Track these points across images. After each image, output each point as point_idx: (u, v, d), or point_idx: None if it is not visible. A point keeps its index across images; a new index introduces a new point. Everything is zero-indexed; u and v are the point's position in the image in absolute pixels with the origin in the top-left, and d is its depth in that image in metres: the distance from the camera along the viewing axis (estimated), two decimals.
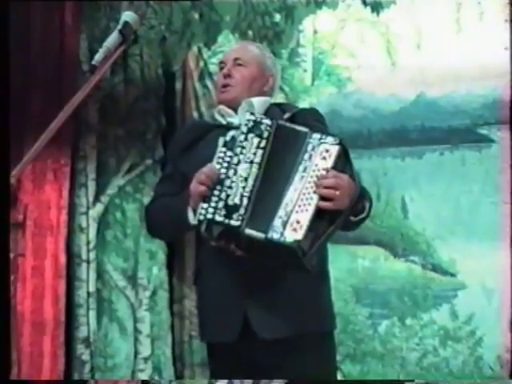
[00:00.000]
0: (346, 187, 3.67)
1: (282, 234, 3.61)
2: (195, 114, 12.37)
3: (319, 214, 3.65)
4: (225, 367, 4.03)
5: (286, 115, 4.00)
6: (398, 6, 10.98)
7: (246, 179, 3.70)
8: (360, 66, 12.23)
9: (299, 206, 3.67)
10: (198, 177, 3.72)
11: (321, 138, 3.74)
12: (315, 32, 12.14)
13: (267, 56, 4.26)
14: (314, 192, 3.64)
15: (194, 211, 3.75)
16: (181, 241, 11.73)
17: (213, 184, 3.69)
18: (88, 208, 11.91)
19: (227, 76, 4.12)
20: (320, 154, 3.70)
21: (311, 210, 3.65)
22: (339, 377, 11.45)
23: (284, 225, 3.61)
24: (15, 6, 11.17)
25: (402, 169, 11.44)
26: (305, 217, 3.65)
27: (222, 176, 3.70)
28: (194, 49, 12.12)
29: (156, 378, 11.78)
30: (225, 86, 4.13)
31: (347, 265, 11.74)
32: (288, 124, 3.86)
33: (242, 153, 3.72)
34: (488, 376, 11.62)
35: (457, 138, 11.94)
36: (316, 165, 3.67)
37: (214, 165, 3.74)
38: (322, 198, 3.64)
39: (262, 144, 3.73)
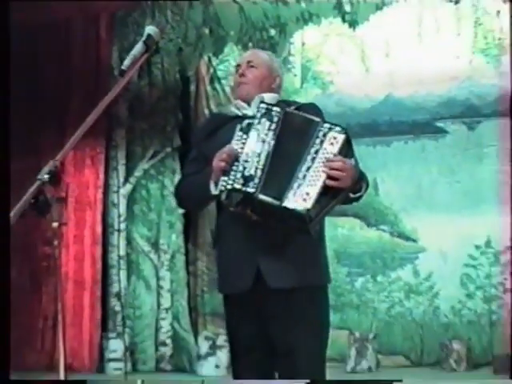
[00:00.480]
0: (350, 170, 3.73)
1: (295, 201, 3.71)
2: (206, 111, 12.42)
3: (325, 189, 3.72)
4: (238, 316, 4.05)
5: (292, 107, 4.07)
6: (371, 23, 11.01)
7: (259, 155, 3.78)
8: (340, 71, 12.27)
9: (309, 180, 3.75)
10: (219, 155, 3.79)
11: (330, 127, 3.81)
12: (303, 44, 12.18)
13: (274, 60, 4.31)
14: (323, 171, 3.74)
15: (215, 184, 3.85)
16: (195, 214, 11.82)
17: (231, 161, 3.79)
18: (119, 187, 11.96)
19: (242, 76, 4.17)
20: (329, 140, 3.78)
21: (319, 185, 3.72)
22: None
23: (296, 195, 3.71)
24: (60, 22, 11.26)
25: (374, 155, 11.49)
26: (314, 190, 3.72)
27: (239, 154, 3.80)
28: (205, 58, 12.17)
29: (176, 325, 11.85)
30: (240, 83, 4.19)
31: (330, 233, 11.56)
32: (298, 112, 3.97)
33: (255, 134, 3.83)
34: (443, 323, 11.71)
35: (418, 130, 12.01)
36: (325, 149, 3.75)
37: (233, 146, 3.83)
38: (330, 177, 3.72)
39: (273, 126, 3.81)
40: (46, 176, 2.81)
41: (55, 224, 2.86)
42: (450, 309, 11.69)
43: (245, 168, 3.78)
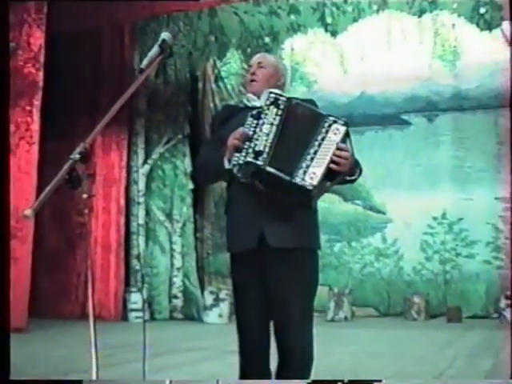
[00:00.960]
0: (349, 158, 3.74)
1: (303, 179, 3.69)
2: (211, 105, 12.44)
3: (328, 171, 3.73)
4: (243, 271, 4.04)
5: (295, 100, 4.05)
6: (348, 33, 10.94)
7: (267, 135, 3.77)
8: (322, 73, 12.26)
9: (316, 162, 3.72)
10: (233, 135, 3.78)
11: (335, 120, 3.81)
12: (292, 49, 12.15)
13: (280, 62, 4.29)
14: (327, 155, 3.74)
15: (229, 160, 3.84)
16: (202, 189, 11.82)
17: (244, 140, 3.78)
18: (139, 168, 11.93)
19: (253, 74, 4.14)
20: (333, 131, 3.76)
21: (324, 167, 3.73)
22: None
23: (305, 174, 3.70)
24: (92, 32, 11.20)
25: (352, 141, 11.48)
26: (319, 171, 3.71)
27: (250, 135, 3.79)
28: (211, 61, 12.13)
29: (186, 282, 11.85)
30: (251, 80, 4.16)
31: None
32: (301, 102, 3.95)
33: (265, 118, 3.82)
34: (406, 280, 11.74)
35: (386, 122, 11.99)
36: (329, 137, 3.74)
37: (244, 129, 3.82)
38: (333, 161, 3.71)
39: (280, 112, 3.80)
40: (78, 156, 2.79)
41: (85, 196, 2.85)
42: (412, 269, 11.73)
43: (256, 145, 3.78)
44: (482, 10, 10.22)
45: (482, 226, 11.39)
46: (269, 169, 3.72)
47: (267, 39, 10.98)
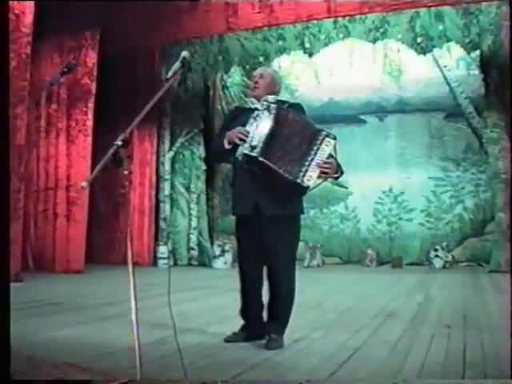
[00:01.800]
0: (334, 167, 3.76)
1: (302, 180, 3.73)
2: (219, 107, 12.41)
3: (320, 173, 3.76)
4: (244, 232, 4.05)
5: (286, 105, 4.05)
6: (321, 54, 10.81)
7: (261, 133, 3.79)
8: (301, 84, 12.20)
9: (312, 168, 3.77)
10: (238, 130, 3.80)
11: (327, 134, 3.84)
12: (279, 66, 12.04)
13: (276, 73, 4.25)
14: (321, 163, 3.76)
15: (228, 142, 3.86)
16: (213, 170, 11.78)
17: (245, 134, 3.79)
18: (165, 153, 11.90)
19: (256, 83, 4.12)
20: (325, 143, 3.80)
21: (318, 172, 3.75)
22: None
23: (304, 175, 3.73)
24: (131, 53, 11.12)
25: None
26: (314, 175, 3.77)
27: (250, 132, 3.80)
28: (219, 74, 12.06)
29: (200, 238, 11.84)
30: (254, 88, 4.15)
31: None
32: (287, 109, 3.94)
33: (260, 120, 3.82)
34: (362, 238, 11.76)
35: (349, 121, 11.94)
36: (323, 148, 3.76)
37: (246, 127, 3.83)
38: (324, 167, 3.74)
39: (271, 116, 3.82)
40: (120, 142, 2.77)
41: (126, 172, 2.83)
42: (367, 229, 11.75)
43: (252, 141, 3.79)
44: (419, 40, 10.20)
45: (418, 197, 11.44)
46: (261, 159, 3.79)
47: (261, 58, 10.90)
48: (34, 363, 3.43)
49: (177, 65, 3.34)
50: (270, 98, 4.15)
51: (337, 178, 4.03)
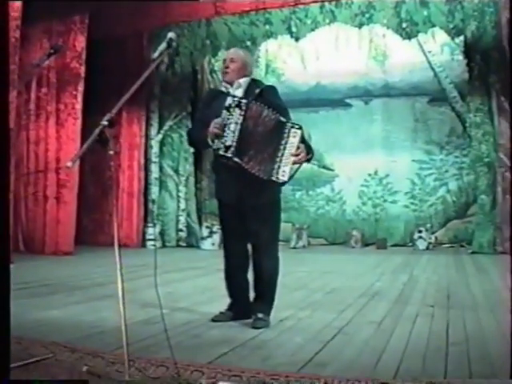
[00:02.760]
0: (305, 153, 3.72)
1: (277, 178, 3.72)
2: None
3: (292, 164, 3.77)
4: (227, 215, 4.05)
5: (257, 91, 4.01)
6: (307, 38, 10.74)
7: (234, 132, 3.76)
8: (288, 68, 12.13)
9: (284, 162, 3.76)
10: (213, 125, 3.77)
11: (292, 126, 3.81)
12: (266, 51, 12.02)
13: (247, 56, 4.21)
14: (290, 155, 3.73)
15: (212, 140, 3.83)
16: (200, 153, 11.71)
17: (220, 129, 3.77)
18: (154, 136, 11.84)
19: (227, 67, 4.09)
20: (292, 134, 3.77)
21: (290, 164, 3.75)
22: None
23: (278, 172, 3.72)
24: (120, 37, 11.01)
25: (308, 119, 11.32)
26: (287, 169, 3.76)
27: (223, 127, 3.79)
28: (207, 58, 11.97)
29: (189, 219, 11.83)
30: (225, 72, 4.11)
31: None
32: (259, 103, 3.89)
33: (231, 118, 3.78)
34: (348, 219, 11.78)
35: (335, 104, 11.89)
36: (291, 140, 3.73)
37: (221, 119, 3.80)
38: (296, 159, 3.72)
39: (242, 113, 3.77)
40: (106, 122, 2.73)
41: (111, 152, 2.79)
42: (352, 211, 11.76)
43: (226, 141, 3.80)
44: (404, 25, 10.16)
45: (402, 180, 11.45)
46: (235, 159, 3.80)
47: (248, 43, 10.82)
48: (23, 344, 3.40)
49: (163, 45, 3.30)
50: (243, 80, 4.13)
51: (308, 161, 4.01)
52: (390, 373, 2.93)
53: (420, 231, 10.59)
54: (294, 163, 3.85)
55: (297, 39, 10.83)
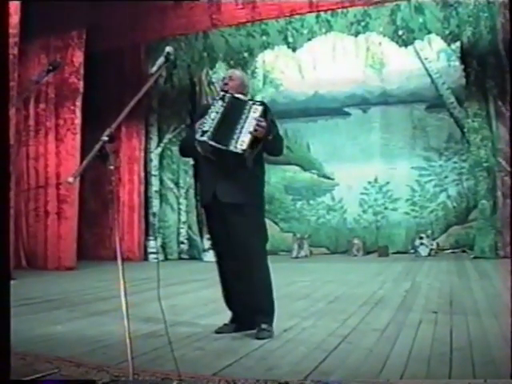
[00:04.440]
0: (266, 126, 3.79)
1: (235, 147, 3.79)
2: (205, 103, 12.34)
3: (253, 138, 3.81)
4: (210, 219, 4.10)
5: (238, 95, 4.12)
6: (305, 48, 10.86)
7: (213, 120, 3.86)
8: (286, 78, 12.16)
9: (243, 133, 3.84)
10: (198, 122, 3.89)
11: (254, 103, 3.94)
12: (264, 61, 12.06)
13: (244, 76, 4.30)
14: (252, 127, 3.81)
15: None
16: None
17: (201, 124, 3.89)
18: (153, 149, 11.87)
19: (225, 84, 4.16)
20: (253, 110, 3.89)
21: (249, 136, 3.80)
22: (277, 228, 11.75)
23: (237, 143, 3.79)
24: (117, 50, 11.05)
25: (307, 128, 11.47)
26: (246, 138, 3.81)
27: (205, 120, 3.92)
28: (204, 70, 12.04)
29: (190, 232, 11.83)
30: (223, 90, 4.17)
31: (281, 174, 11.86)
32: (239, 96, 3.98)
33: (213, 108, 3.91)
34: (349, 228, 11.78)
35: (333, 113, 11.91)
36: (251, 115, 3.85)
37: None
38: (255, 130, 3.78)
39: (224, 104, 3.89)
40: (106, 138, 2.75)
41: (112, 167, 2.81)
42: (353, 219, 11.76)
43: (204, 127, 3.93)
44: (400, 32, 10.24)
45: (402, 187, 11.47)
46: (211, 142, 3.92)
47: (245, 54, 10.90)
48: (27, 360, 3.41)
49: (161, 60, 3.33)
50: (237, 96, 4.20)
51: (272, 140, 4.05)
52: (394, 380, 2.93)
53: (421, 238, 10.59)
54: (255, 137, 3.92)
55: (294, 49, 10.90)
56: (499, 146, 9.66)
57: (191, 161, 11.74)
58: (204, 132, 3.91)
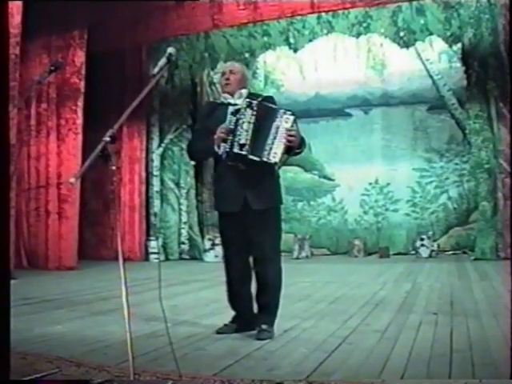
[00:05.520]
0: (298, 137, 3.78)
1: (268, 158, 3.77)
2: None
3: (284, 149, 3.80)
4: (228, 225, 4.05)
5: (260, 98, 4.07)
6: (306, 49, 10.90)
7: (247, 131, 3.82)
8: (287, 79, 12.15)
9: (276, 145, 3.83)
10: (220, 130, 3.82)
11: (285, 111, 3.88)
12: (265, 62, 12.06)
13: (245, 69, 4.28)
14: (284, 138, 3.80)
15: (218, 147, 3.86)
16: (201, 165, 11.73)
17: (227, 133, 3.82)
18: (154, 150, 11.87)
19: (227, 79, 4.14)
20: (285, 120, 3.84)
21: (282, 147, 3.80)
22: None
23: (269, 154, 3.78)
24: (120, 51, 11.05)
25: (308, 129, 11.31)
26: (279, 150, 3.82)
27: (232, 129, 3.84)
28: (206, 71, 12.04)
29: (191, 232, 11.84)
30: (226, 84, 4.15)
31: (282, 175, 11.77)
32: (266, 104, 3.95)
33: (244, 117, 3.85)
34: (350, 229, 11.78)
35: (335, 114, 11.92)
36: (283, 125, 3.81)
37: (227, 124, 3.84)
38: (288, 140, 3.78)
39: (254, 113, 3.84)
40: (108, 138, 2.75)
41: (113, 167, 2.81)
42: (354, 220, 11.76)
43: (240, 139, 3.85)
44: (402, 34, 10.26)
45: (403, 188, 11.46)
46: (251, 156, 3.87)
47: (247, 55, 10.93)
48: (28, 360, 3.41)
49: (163, 61, 3.33)
50: (244, 92, 4.20)
51: (299, 153, 4.08)
52: (394, 381, 2.93)
53: (422, 239, 10.59)
54: (287, 148, 3.92)
55: (295, 50, 10.92)
56: (500, 148, 9.66)
57: (192, 161, 11.77)
58: (242, 146, 3.87)
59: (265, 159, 3.87)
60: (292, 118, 3.94)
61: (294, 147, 3.98)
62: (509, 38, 9.02)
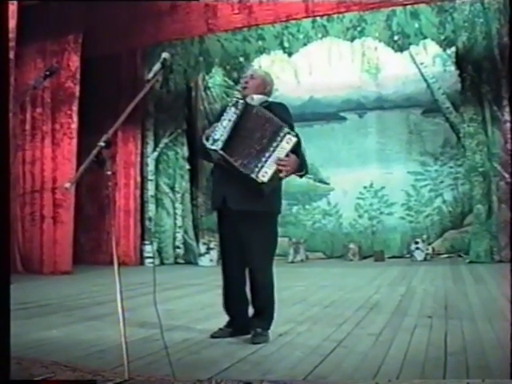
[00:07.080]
0: (292, 164, 3.70)
1: (257, 176, 3.69)
2: (202, 107, 12.40)
3: (276, 172, 3.73)
4: (223, 228, 4.05)
5: (264, 104, 4.04)
6: (300, 53, 10.95)
7: (224, 127, 3.80)
8: (282, 83, 12.14)
9: (269, 164, 3.74)
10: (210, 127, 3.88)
11: (289, 132, 3.79)
12: (259, 66, 12.02)
13: (267, 75, 4.25)
14: (279, 159, 3.73)
15: (206, 139, 3.88)
16: (196, 169, 11.75)
17: (213, 129, 3.85)
18: (149, 154, 11.86)
19: (246, 83, 4.12)
20: (286, 140, 3.75)
21: (274, 169, 3.72)
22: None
23: (259, 172, 3.70)
24: (114, 55, 11.05)
25: (303, 133, 11.34)
26: (270, 171, 3.73)
27: (216, 126, 3.86)
28: (201, 75, 12.07)
29: (186, 236, 11.83)
30: (245, 88, 4.13)
31: None
32: (256, 106, 3.92)
33: (226, 115, 3.83)
34: (344, 232, 11.79)
35: (329, 118, 11.95)
36: (282, 145, 3.71)
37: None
38: (280, 165, 3.71)
39: (237, 112, 3.80)
40: (103, 143, 2.76)
41: (109, 172, 2.82)
42: (349, 224, 11.78)
43: (215, 134, 3.82)
44: (396, 38, 10.32)
45: (398, 192, 11.50)
46: (221, 152, 3.79)
47: (241, 59, 10.98)
48: (23, 365, 3.41)
49: (157, 66, 3.34)
50: (256, 97, 4.13)
51: (301, 176, 4.02)
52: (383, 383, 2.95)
53: (417, 242, 10.62)
54: (279, 171, 3.77)
55: (289, 54, 10.97)
56: (495, 151, 9.71)
57: (187, 165, 11.79)
58: (215, 141, 3.83)
59: (253, 176, 3.74)
60: (294, 140, 3.79)
61: (286, 173, 3.83)
62: (508, 43, 9.08)
